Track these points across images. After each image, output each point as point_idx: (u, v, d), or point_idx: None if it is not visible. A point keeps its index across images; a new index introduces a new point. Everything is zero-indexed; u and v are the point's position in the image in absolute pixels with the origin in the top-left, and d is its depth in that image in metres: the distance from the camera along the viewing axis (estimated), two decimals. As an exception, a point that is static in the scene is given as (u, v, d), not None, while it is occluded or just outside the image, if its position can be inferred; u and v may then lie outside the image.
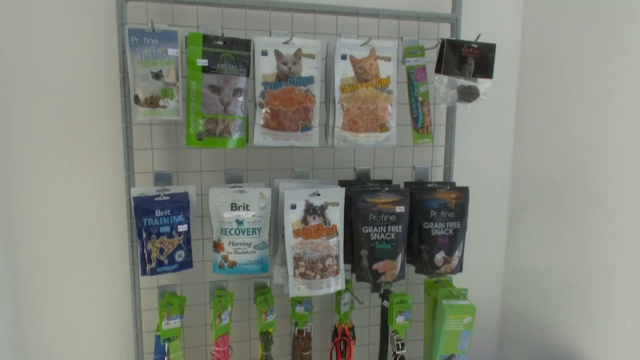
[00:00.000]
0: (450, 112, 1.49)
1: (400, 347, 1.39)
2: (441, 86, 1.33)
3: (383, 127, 1.28)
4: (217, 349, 1.28)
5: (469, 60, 1.32)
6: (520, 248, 1.72)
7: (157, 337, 1.28)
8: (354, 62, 1.25)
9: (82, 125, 1.33)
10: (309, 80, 1.23)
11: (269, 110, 1.20)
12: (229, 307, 1.30)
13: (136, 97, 1.11)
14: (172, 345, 1.26)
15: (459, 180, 1.53)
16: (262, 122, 1.21)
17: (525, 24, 1.65)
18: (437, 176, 1.56)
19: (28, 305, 1.37)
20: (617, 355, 1.42)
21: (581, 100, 1.46)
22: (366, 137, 1.27)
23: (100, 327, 1.42)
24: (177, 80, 1.14)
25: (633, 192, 1.34)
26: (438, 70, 1.33)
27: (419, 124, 1.36)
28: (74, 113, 1.32)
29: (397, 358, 1.39)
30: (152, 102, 1.11)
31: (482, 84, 1.34)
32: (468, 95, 1.33)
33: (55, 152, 1.32)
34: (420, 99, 1.36)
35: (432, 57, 1.37)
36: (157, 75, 1.11)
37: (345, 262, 1.32)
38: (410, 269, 1.44)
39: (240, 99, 1.18)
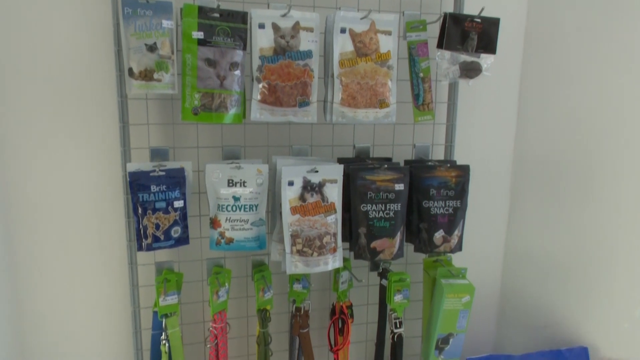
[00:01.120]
0: (452, 90, 1.47)
1: (398, 326, 1.39)
2: (443, 62, 1.31)
3: (383, 103, 1.26)
4: (214, 325, 1.28)
5: (471, 35, 1.29)
6: (521, 229, 1.71)
7: (155, 313, 1.28)
8: (354, 35, 1.22)
9: (77, 100, 1.31)
10: (307, 54, 1.20)
11: (266, 85, 1.18)
12: (226, 284, 1.30)
13: (130, 70, 1.09)
14: (170, 321, 1.26)
15: (460, 159, 1.51)
16: (259, 97, 1.19)
17: (530, 1, 1.62)
18: (438, 155, 1.54)
19: (25, 280, 1.37)
20: (616, 337, 1.42)
21: (586, 80, 1.44)
22: (365, 113, 1.25)
23: (97, 303, 1.43)
24: (172, 53, 1.11)
25: (635, 175, 1.32)
26: (440, 45, 1.30)
27: (420, 101, 1.34)
28: (68, 88, 1.30)
29: (395, 336, 1.39)
30: (146, 75, 1.09)
31: (485, 60, 1.31)
32: (470, 71, 1.30)
33: (51, 128, 1.31)
34: (421, 75, 1.33)
35: (434, 32, 1.34)
36: (152, 48, 1.08)
37: (344, 240, 1.31)
38: (409, 248, 1.43)
39: (237, 73, 1.16)
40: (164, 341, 1.25)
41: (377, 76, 1.24)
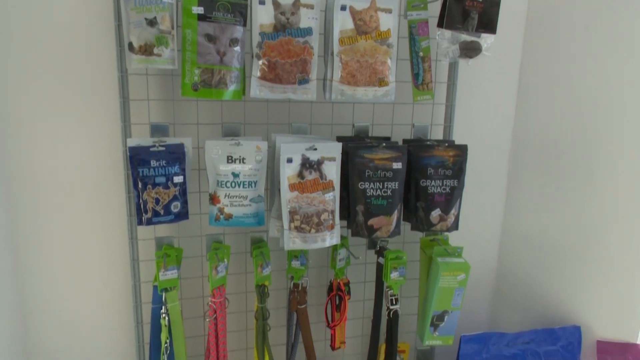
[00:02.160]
0: (452, 70, 1.47)
1: (394, 302, 1.41)
2: (443, 41, 1.30)
3: (382, 82, 1.26)
4: (213, 300, 1.30)
5: (472, 14, 1.29)
6: (518, 210, 1.72)
7: (155, 287, 1.30)
8: (354, 13, 1.22)
9: (77, 76, 1.32)
10: (308, 31, 1.20)
11: (265, 62, 1.18)
12: (225, 260, 1.32)
13: (130, 45, 1.09)
14: (170, 295, 1.28)
15: (458, 140, 1.52)
16: (258, 73, 1.19)
17: (533, -20, 1.61)
18: (437, 135, 1.55)
19: (27, 258, 1.39)
20: (608, 317, 1.44)
21: (586, 62, 1.43)
22: (364, 91, 1.25)
23: (98, 277, 1.45)
24: (172, 28, 1.12)
25: (633, 159, 1.33)
26: (440, 24, 1.30)
27: (420, 80, 1.34)
28: (68, 63, 1.30)
29: (391, 313, 1.41)
30: (146, 50, 1.09)
31: (485, 40, 1.31)
32: (470, 50, 1.30)
33: (51, 103, 1.32)
34: (421, 54, 1.33)
35: (434, 11, 1.33)
36: (152, 22, 1.08)
37: (342, 218, 1.33)
38: (407, 227, 1.44)
39: (237, 49, 1.16)
40: (163, 315, 1.27)
41: (376, 54, 1.24)
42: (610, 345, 1.44)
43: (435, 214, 1.35)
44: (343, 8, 1.21)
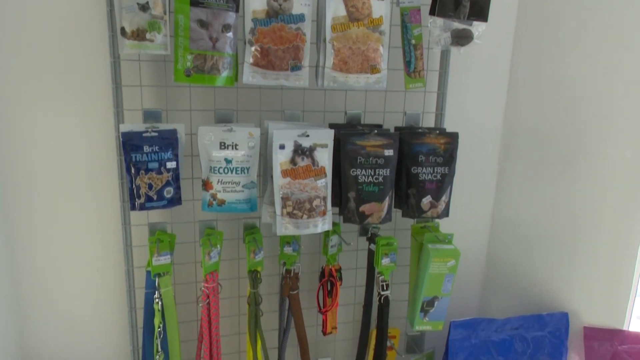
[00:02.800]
0: (444, 58, 1.47)
1: (384, 288, 1.42)
2: (435, 29, 1.31)
3: (374, 69, 1.27)
4: (206, 285, 1.31)
5: (464, 2, 1.29)
6: (509, 198, 1.74)
7: (148, 272, 1.31)
8: (346, 0, 1.22)
9: (69, 61, 1.31)
10: (300, 17, 1.20)
11: (258, 48, 1.19)
12: (218, 246, 1.33)
13: (122, 30, 1.09)
14: (163, 281, 1.29)
15: (450, 128, 1.52)
16: (251, 60, 1.19)
17: (525, -31, 1.61)
18: (429, 123, 1.56)
19: (20, 244, 1.39)
20: (596, 304, 1.47)
21: (578, 51, 1.45)
22: (356, 78, 1.26)
23: (92, 263, 1.46)
24: (165, 13, 1.12)
25: (621, 147, 1.35)
26: (432, 12, 1.30)
27: (412, 68, 1.35)
28: (60, 48, 1.30)
29: (382, 298, 1.43)
30: (138, 35, 1.09)
31: (477, 27, 1.32)
32: (461, 38, 1.31)
33: (43, 89, 1.31)
34: (413, 42, 1.34)
35: (427, -2, 1.34)
36: (144, 7, 1.08)
37: (334, 205, 1.34)
38: (398, 215, 1.46)
39: (230, 35, 1.16)
40: (157, 299, 1.28)
41: (369, 41, 1.25)
42: (597, 331, 1.47)
43: (426, 200, 1.36)
44: (335, -5, 1.21)
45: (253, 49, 1.19)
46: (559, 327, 1.55)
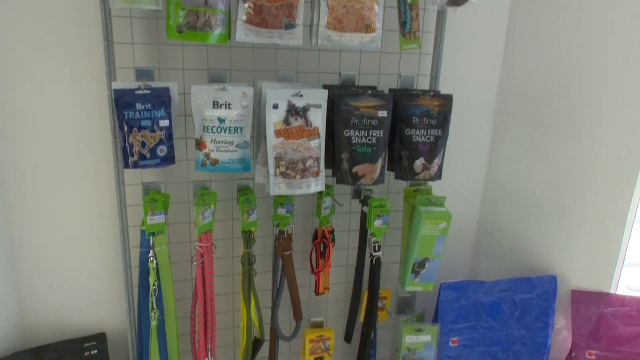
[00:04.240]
0: (440, 19, 1.46)
1: (376, 249, 1.44)
2: (431, -12, 1.29)
3: (368, 28, 1.25)
4: (200, 244, 1.32)
5: (461, -40, 1.27)
6: (502, 162, 1.75)
7: (142, 231, 1.32)
8: (341, -44, 1.20)
9: (59, 18, 1.29)
10: (294, -26, 1.18)
11: (251, 5, 1.17)
12: (212, 206, 1.34)
13: (113, -17, 1.07)
14: (157, 240, 1.31)
15: (444, 91, 1.52)
16: (244, 17, 1.18)
17: None
18: (423, 85, 1.55)
19: (14, 204, 1.40)
20: (583, 268, 1.49)
21: (574, 16, 1.43)
22: (351, 37, 1.25)
23: (86, 222, 1.47)
24: (156, -33, 1.10)
25: (615, 114, 1.35)
26: (429, -30, 1.29)
27: (407, 29, 1.34)
28: (50, 5, 1.28)
29: (374, 259, 1.45)
30: (129, -11, 1.07)
31: (473, -13, 1.30)
32: (458, -2, 1.30)
33: (33, 49, 1.30)
34: (409, 1, 1.32)
35: (424, -43, 1.32)
36: (134, -40, 1.06)
37: (327, 167, 1.34)
38: (391, 177, 1.46)
39: (222, -9, 1.14)
40: (151, 258, 1.29)
41: (363, 0, 1.23)
42: (584, 294, 1.50)
43: (419, 162, 1.37)
44: (330, -49, 1.19)
45: (246, 5, 1.17)
46: (547, 290, 1.58)
